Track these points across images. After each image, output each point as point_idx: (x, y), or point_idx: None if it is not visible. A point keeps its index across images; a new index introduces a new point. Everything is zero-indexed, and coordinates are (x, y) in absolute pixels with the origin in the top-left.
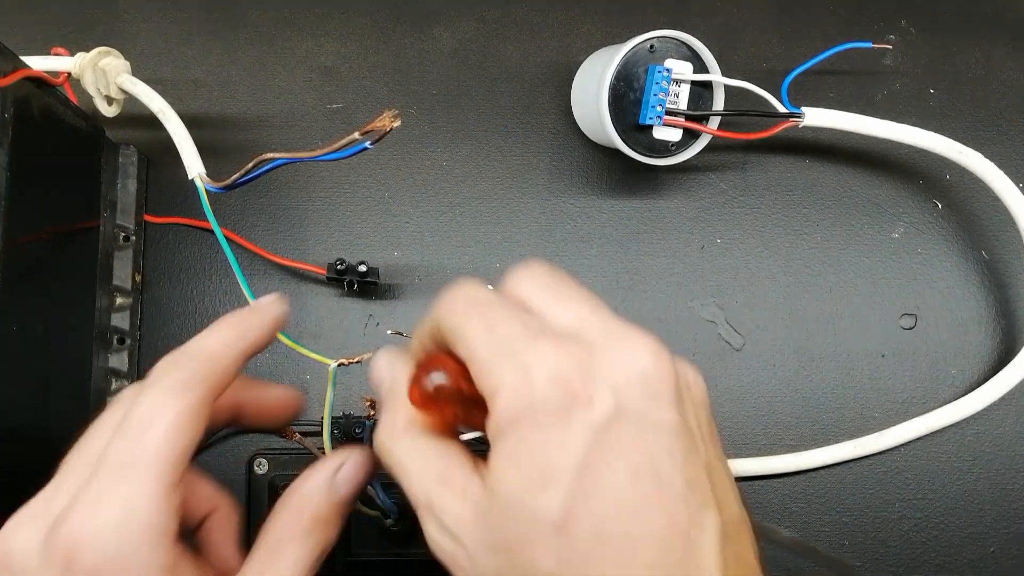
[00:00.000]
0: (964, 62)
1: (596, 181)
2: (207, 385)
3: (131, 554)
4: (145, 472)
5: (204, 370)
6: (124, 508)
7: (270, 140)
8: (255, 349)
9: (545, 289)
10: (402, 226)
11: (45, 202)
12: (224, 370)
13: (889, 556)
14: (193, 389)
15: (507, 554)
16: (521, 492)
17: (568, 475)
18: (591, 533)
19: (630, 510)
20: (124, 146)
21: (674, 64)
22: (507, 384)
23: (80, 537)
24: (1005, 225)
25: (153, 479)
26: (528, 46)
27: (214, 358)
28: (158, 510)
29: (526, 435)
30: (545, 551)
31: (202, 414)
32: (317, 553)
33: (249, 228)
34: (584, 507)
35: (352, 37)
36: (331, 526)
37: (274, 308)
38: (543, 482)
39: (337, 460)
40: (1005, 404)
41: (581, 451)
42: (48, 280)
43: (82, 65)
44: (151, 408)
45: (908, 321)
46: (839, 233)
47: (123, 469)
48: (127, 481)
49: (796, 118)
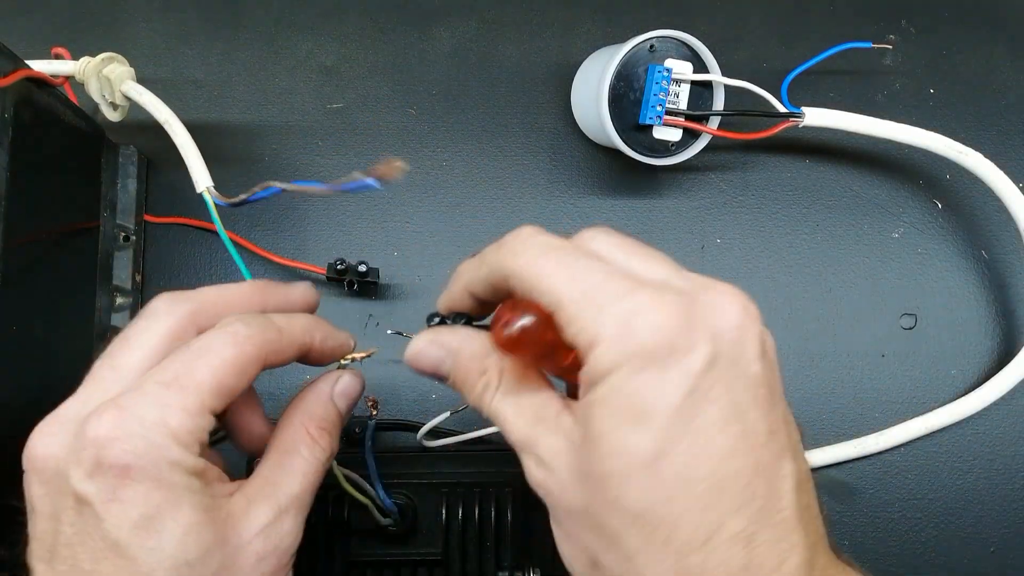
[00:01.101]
0: (964, 62)
1: (596, 181)
2: (268, 348)
3: (161, 456)
4: (192, 391)
5: (270, 335)
6: (160, 415)
7: (270, 140)
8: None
9: (620, 246)
10: (402, 226)
11: (45, 202)
12: (285, 344)
13: (889, 556)
14: (255, 344)
15: (597, 486)
16: (616, 430)
17: (663, 417)
18: (680, 472)
19: (719, 453)
20: (124, 146)
21: (674, 64)
22: (607, 333)
23: (112, 434)
24: (1005, 225)
25: (195, 398)
26: (528, 46)
27: (279, 330)
28: (192, 423)
29: (625, 380)
30: (634, 486)
31: (252, 366)
32: (324, 458)
33: (249, 228)
34: (676, 447)
35: (352, 37)
36: (333, 437)
37: (346, 337)
38: (639, 422)
39: (334, 378)
40: (1005, 404)
41: (678, 396)
42: (48, 280)
43: (86, 71)
44: (216, 342)
45: (908, 321)
46: (839, 233)
47: (170, 383)
48: (170, 394)
49: (796, 118)
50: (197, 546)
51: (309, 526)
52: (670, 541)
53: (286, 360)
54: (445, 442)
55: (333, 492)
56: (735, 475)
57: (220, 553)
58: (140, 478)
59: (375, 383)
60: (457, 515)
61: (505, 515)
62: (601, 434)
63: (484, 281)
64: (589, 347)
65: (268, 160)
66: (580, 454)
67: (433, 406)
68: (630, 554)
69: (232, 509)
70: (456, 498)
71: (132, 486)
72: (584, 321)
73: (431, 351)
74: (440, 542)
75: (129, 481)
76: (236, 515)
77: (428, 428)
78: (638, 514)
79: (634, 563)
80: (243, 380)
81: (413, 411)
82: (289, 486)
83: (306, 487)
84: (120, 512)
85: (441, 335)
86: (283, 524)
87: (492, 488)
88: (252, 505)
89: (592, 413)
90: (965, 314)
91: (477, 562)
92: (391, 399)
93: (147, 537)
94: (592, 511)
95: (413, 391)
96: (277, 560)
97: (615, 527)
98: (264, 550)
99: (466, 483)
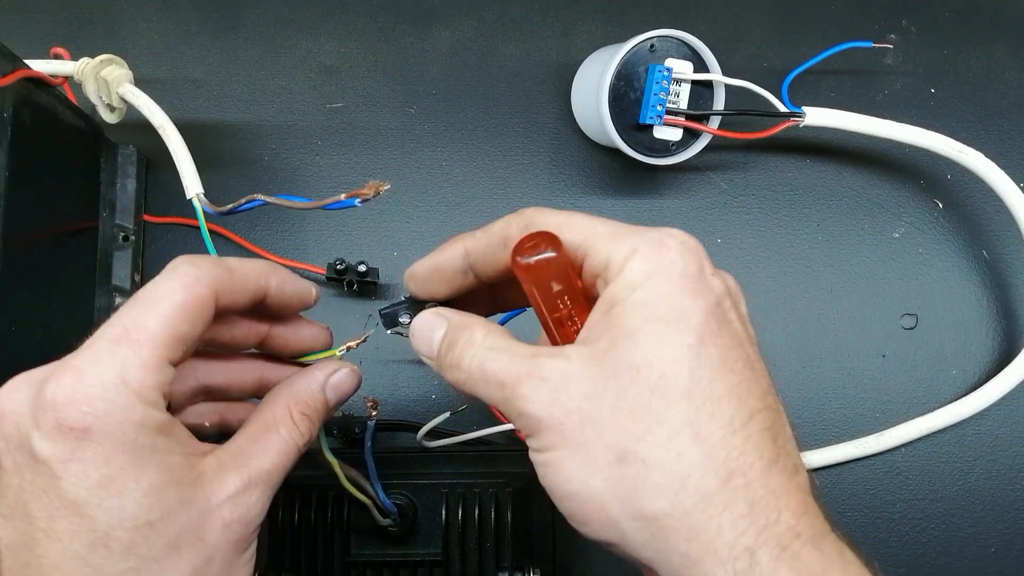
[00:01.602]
0: (965, 62)
1: (596, 181)
2: (220, 289)
3: (124, 417)
4: (146, 345)
5: (219, 275)
6: (118, 374)
7: (270, 140)
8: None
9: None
10: (402, 226)
11: (44, 202)
12: (237, 286)
13: (890, 557)
14: (203, 284)
15: (634, 376)
16: (657, 324)
17: (700, 318)
18: (718, 364)
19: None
20: (123, 146)
21: (674, 63)
22: (644, 249)
23: (71, 396)
24: (1006, 225)
25: (150, 351)
26: (528, 46)
27: (230, 269)
28: (152, 379)
29: (661, 286)
30: (681, 367)
31: (205, 309)
32: (301, 443)
33: (249, 228)
34: (713, 342)
35: (352, 37)
36: (314, 425)
37: (307, 286)
38: (679, 320)
39: (330, 368)
40: (1006, 404)
41: (708, 307)
42: (47, 280)
43: (84, 72)
44: (162, 288)
45: (909, 321)
46: (840, 233)
47: (120, 339)
48: (123, 350)
49: (797, 118)
50: (160, 507)
51: (309, 526)
52: (715, 417)
53: (242, 304)
54: (445, 442)
55: (333, 492)
56: (757, 380)
57: (185, 515)
58: (101, 439)
59: (375, 383)
60: (457, 515)
61: (505, 515)
62: (638, 330)
63: (486, 246)
64: (624, 261)
65: (268, 160)
66: (607, 357)
67: (433, 407)
68: (676, 430)
69: (203, 469)
70: (456, 498)
71: (92, 447)
72: (619, 243)
73: (429, 323)
74: (440, 542)
75: (89, 442)
76: (206, 477)
77: (428, 428)
78: (685, 391)
79: (678, 438)
80: (198, 324)
81: (413, 411)
82: (262, 461)
83: (278, 465)
84: (79, 472)
85: (441, 310)
86: (251, 495)
87: (492, 488)
88: (223, 471)
89: (627, 314)
90: (966, 314)
91: (477, 562)
92: (391, 399)
93: (106, 497)
94: (626, 403)
95: (413, 392)
96: (242, 529)
97: (658, 408)
98: (231, 517)
99: (466, 483)
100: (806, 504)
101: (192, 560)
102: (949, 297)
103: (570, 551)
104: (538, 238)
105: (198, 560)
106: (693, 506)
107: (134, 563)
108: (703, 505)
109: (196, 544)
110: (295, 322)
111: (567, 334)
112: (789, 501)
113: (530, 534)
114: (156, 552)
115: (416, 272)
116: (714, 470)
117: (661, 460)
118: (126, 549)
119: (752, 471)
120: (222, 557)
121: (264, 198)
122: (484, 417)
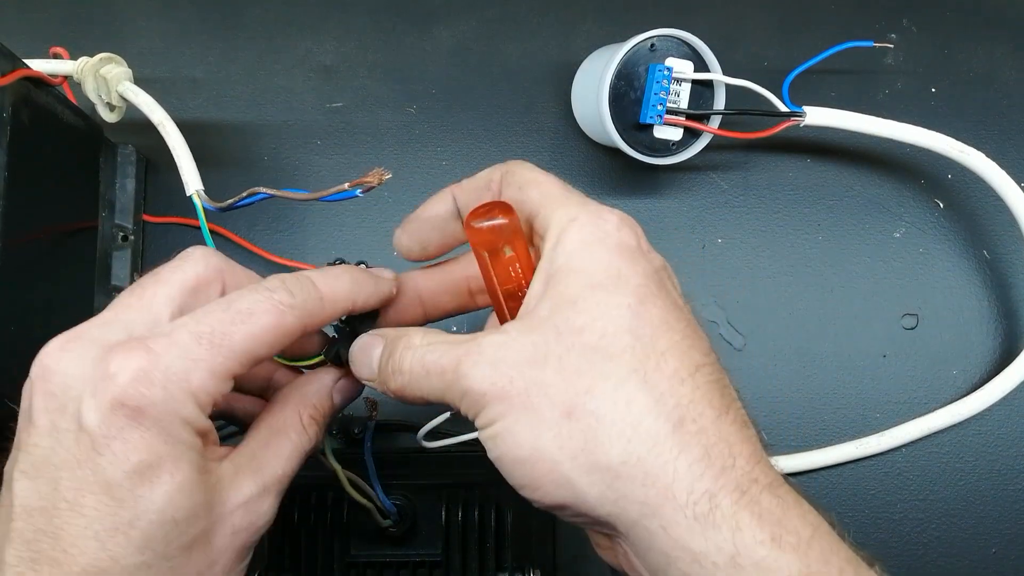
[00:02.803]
0: (966, 61)
1: (596, 181)
2: (308, 320)
3: (176, 410)
4: (224, 353)
5: (312, 306)
6: (186, 370)
7: (270, 139)
8: (359, 308)
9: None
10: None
11: (43, 202)
12: (326, 314)
13: (891, 557)
14: (296, 315)
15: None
16: (597, 289)
17: (637, 282)
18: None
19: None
20: (123, 146)
21: (675, 63)
22: (582, 219)
23: (136, 376)
24: (1007, 225)
25: (223, 360)
26: (528, 45)
27: (322, 298)
28: (214, 386)
29: (602, 252)
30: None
31: (287, 338)
32: (309, 447)
33: (249, 228)
34: (652, 302)
35: (352, 37)
36: (321, 429)
37: (390, 284)
38: (618, 284)
39: (334, 374)
40: (1007, 404)
41: (644, 274)
42: (46, 280)
43: (84, 71)
44: (258, 306)
45: (910, 321)
46: (840, 233)
47: (203, 339)
48: (201, 350)
49: (797, 117)
50: (187, 506)
51: (309, 526)
52: (660, 369)
53: (323, 325)
54: (445, 443)
55: (333, 493)
56: (699, 339)
57: (204, 519)
58: (149, 425)
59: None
60: (457, 515)
61: (505, 515)
62: (578, 296)
63: (472, 190)
64: (562, 230)
65: (267, 160)
66: (548, 323)
67: (433, 407)
68: (622, 379)
69: (221, 474)
70: (456, 499)
71: (139, 431)
72: (561, 211)
73: (371, 339)
74: (440, 543)
75: (138, 425)
76: (224, 482)
77: (428, 429)
78: (627, 347)
79: (625, 387)
80: (275, 350)
81: (412, 412)
82: (275, 467)
83: (288, 471)
84: (121, 451)
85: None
86: (263, 502)
87: (492, 488)
88: (239, 476)
89: (565, 281)
90: (967, 314)
91: (477, 562)
92: (390, 400)
93: (139, 483)
94: (570, 362)
95: None
96: (248, 537)
97: (602, 364)
98: (241, 524)
99: (466, 483)
100: (759, 454)
101: (198, 564)
102: (949, 297)
103: (570, 551)
104: (491, 205)
105: (203, 564)
106: (647, 451)
107: (148, 557)
108: (657, 450)
109: (206, 548)
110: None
111: (515, 309)
112: (743, 449)
113: (530, 534)
114: (171, 550)
115: (408, 222)
116: (665, 415)
117: (610, 410)
118: (144, 542)
119: (703, 419)
120: (224, 563)
121: (265, 191)
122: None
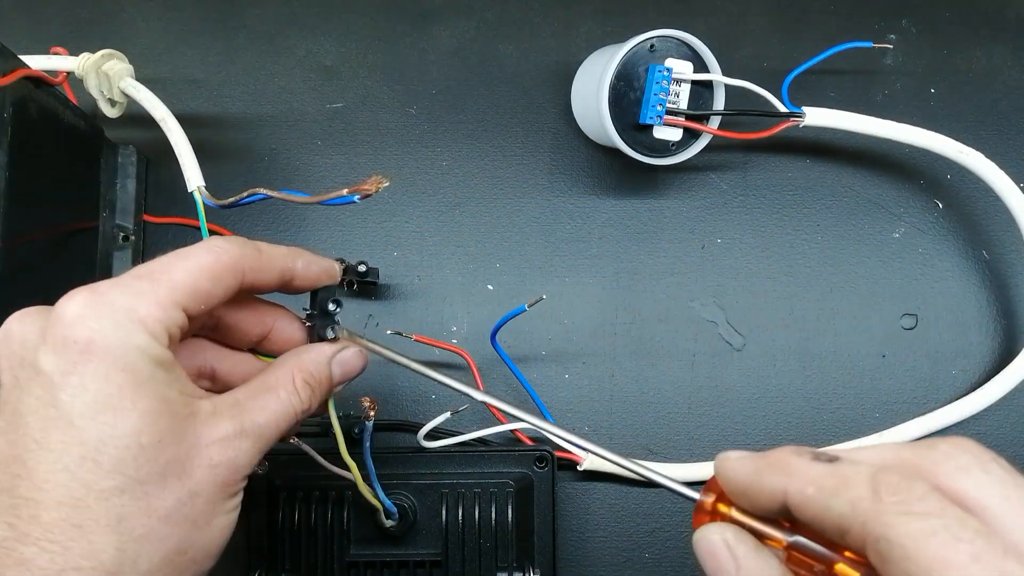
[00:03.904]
0: (965, 61)
1: (596, 181)
2: (247, 263)
3: (127, 339)
4: (164, 285)
5: (249, 252)
6: (130, 302)
7: (270, 139)
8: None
9: (1000, 485)
10: (402, 226)
11: (44, 202)
12: (264, 264)
13: None
14: (232, 257)
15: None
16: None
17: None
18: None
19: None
20: (123, 146)
21: (674, 63)
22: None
23: (80, 312)
24: (1006, 225)
25: (166, 291)
26: (528, 46)
27: (259, 249)
28: (162, 314)
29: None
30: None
31: (227, 274)
32: (299, 409)
33: (249, 228)
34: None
35: (352, 37)
36: (315, 395)
37: (332, 266)
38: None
39: (339, 345)
40: (1006, 404)
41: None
42: (47, 280)
43: (86, 67)
44: (195, 249)
45: (909, 321)
46: (840, 233)
47: (143, 276)
48: (143, 284)
49: (797, 118)
50: (151, 431)
51: (309, 526)
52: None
53: (269, 282)
54: (445, 443)
55: (333, 492)
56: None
57: (175, 446)
58: (103, 356)
59: (374, 383)
60: (457, 515)
61: (505, 515)
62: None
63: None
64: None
65: (267, 160)
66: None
67: (432, 407)
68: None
69: (197, 409)
70: (456, 498)
71: (93, 363)
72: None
73: (717, 549)
74: (440, 542)
75: (91, 357)
76: (199, 416)
77: (428, 429)
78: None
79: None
80: (218, 287)
81: (412, 412)
82: (256, 416)
83: (271, 424)
84: (78, 384)
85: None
86: (241, 443)
87: (492, 488)
88: (217, 415)
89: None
90: (966, 314)
91: (477, 562)
92: (390, 399)
93: (100, 412)
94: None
95: (412, 392)
96: (228, 473)
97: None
98: (219, 458)
99: (466, 483)
100: None
101: (177, 491)
102: (949, 297)
103: (570, 551)
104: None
105: (182, 493)
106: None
107: (120, 481)
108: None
109: (182, 476)
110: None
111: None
112: None
113: (530, 534)
114: (143, 475)
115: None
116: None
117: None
118: (114, 466)
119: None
120: (207, 496)
121: (266, 191)
122: (484, 417)
